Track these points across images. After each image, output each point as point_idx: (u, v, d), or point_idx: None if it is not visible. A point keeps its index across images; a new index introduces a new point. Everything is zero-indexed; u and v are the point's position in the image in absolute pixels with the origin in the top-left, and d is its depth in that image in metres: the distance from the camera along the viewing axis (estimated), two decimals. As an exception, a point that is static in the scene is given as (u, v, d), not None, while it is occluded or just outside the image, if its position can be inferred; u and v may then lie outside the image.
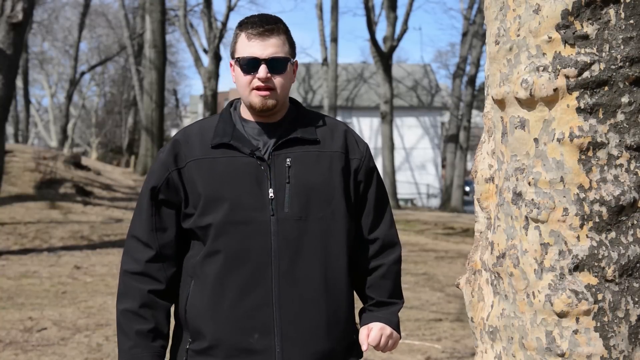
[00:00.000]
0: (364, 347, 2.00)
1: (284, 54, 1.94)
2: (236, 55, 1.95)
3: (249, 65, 1.91)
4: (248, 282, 1.88)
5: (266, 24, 1.93)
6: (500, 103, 1.45)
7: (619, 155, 1.35)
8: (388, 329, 2.01)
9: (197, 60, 25.76)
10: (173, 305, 2.02)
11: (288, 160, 1.94)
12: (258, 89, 1.92)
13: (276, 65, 1.92)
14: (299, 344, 1.88)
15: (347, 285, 1.99)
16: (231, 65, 2.00)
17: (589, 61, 1.32)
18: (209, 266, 1.91)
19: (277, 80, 1.93)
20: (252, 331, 1.87)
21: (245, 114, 2.01)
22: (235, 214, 1.89)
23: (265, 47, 1.91)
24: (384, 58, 23.74)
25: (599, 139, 1.34)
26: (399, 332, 2.06)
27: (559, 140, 1.36)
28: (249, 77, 1.92)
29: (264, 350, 1.87)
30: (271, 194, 1.91)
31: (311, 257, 1.91)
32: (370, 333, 2.00)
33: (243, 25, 1.96)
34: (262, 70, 1.90)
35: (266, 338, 1.87)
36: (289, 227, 1.90)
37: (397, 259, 2.07)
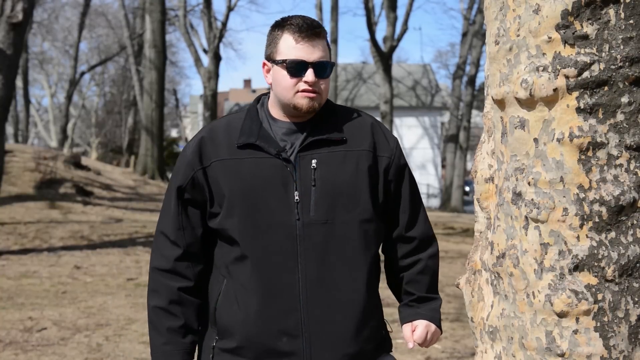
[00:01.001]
0: (410, 345, 2.01)
1: (328, 59, 1.93)
2: (280, 57, 1.91)
3: (297, 69, 1.89)
4: (275, 287, 1.87)
5: (313, 28, 1.90)
6: (500, 103, 1.45)
7: (619, 155, 1.35)
8: (432, 326, 2.03)
9: (197, 60, 25.76)
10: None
11: (314, 162, 1.91)
12: (305, 91, 1.89)
13: (323, 69, 1.91)
14: (328, 347, 1.89)
15: (374, 287, 1.98)
16: (265, 65, 1.97)
17: (588, 61, 1.32)
18: (236, 269, 1.91)
19: (322, 85, 1.92)
20: (280, 335, 1.87)
21: (275, 112, 1.98)
22: (260, 218, 1.88)
23: (313, 51, 1.89)
24: (384, 58, 23.74)
25: (598, 139, 1.34)
26: (440, 328, 2.07)
27: (558, 140, 1.36)
28: (294, 79, 1.89)
29: (293, 353, 1.88)
30: (297, 197, 1.88)
31: (338, 260, 1.89)
32: (416, 330, 2.02)
33: (287, 26, 1.91)
34: (310, 75, 1.88)
35: (295, 341, 1.87)
36: (315, 231, 1.88)
37: (434, 253, 2.07)
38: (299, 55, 1.89)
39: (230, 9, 28.21)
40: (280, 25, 1.93)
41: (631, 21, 1.31)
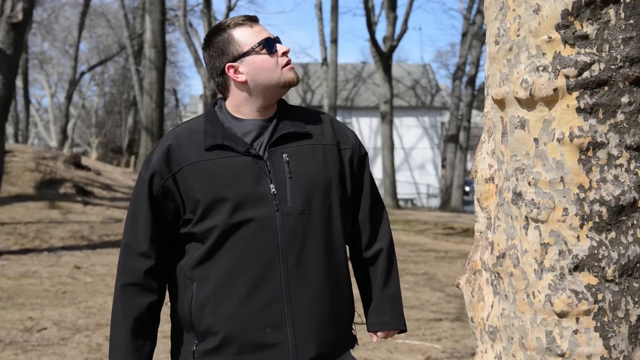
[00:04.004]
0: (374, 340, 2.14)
1: None
2: (247, 48, 1.95)
3: (270, 46, 1.95)
4: (258, 279, 1.88)
5: (251, 15, 2.01)
6: (500, 103, 1.45)
7: (619, 155, 1.35)
8: (396, 331, 2.14)
9: (197, 60, 25.76)
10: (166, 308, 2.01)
11: (285, 155, 1.95)
12: (287, 64, 1.96)
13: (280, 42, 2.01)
14: (310, 335, 1.91)
15: (348, 275, 2.04)
16: (231, 68, 1.96)
17: (589, 61, 1.32)
18: (215, 267, 1.90)
19: None
20: (264, 326, 1.88)
21: (240, 112, 2.00)
22: (239, 214, 1.89)
23: (265, 31, 1.99)
24: (384, 58, 23.74)
25: (599, 139, 1.34)
26: (405, 325, 2.16)
27: (559, 140, 1.36)
28: (274, 58, 1.95)
29: (276, 344, 1.88)
30: (273, 189, 1.91)
31: (315, 249, 1.93)
32: (381, 335, 2.13)
33: (231, 24, 1.98)
34: (283, 46, 1.97)
35: (279, 332, 1.88)
36: (294, 221, 1.91)
37: (392, 239, 2.17)
38: (262, 36, 1.96)
39: (230, 9, 28.25)
40: (223, 29, 1.99)
41: (631, 21, 1.31)
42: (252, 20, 1.99)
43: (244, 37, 1.95)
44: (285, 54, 1.97)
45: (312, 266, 1.92)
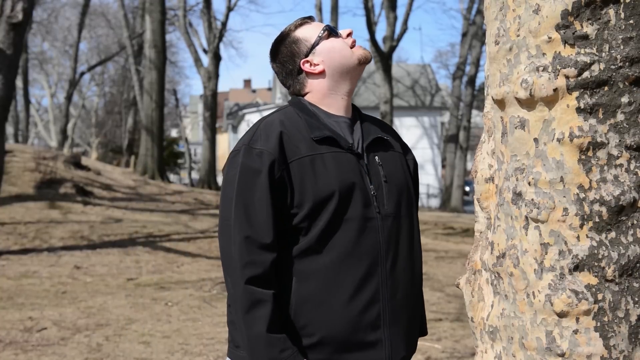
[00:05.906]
0: None
1: None
2: (313, 41, 1.99)
3: (334, 30, 2.02)
4: (363, 278, 1.90)
5: (306, 16, 2.10)
6: (500, 103, 1.45)
7: (619, 155, 1.35)
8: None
9: (197, 60, 25.76)
10: None
11: (377, 158, 1.99)
12: (354, 44, 2.01)
13: None
14: (401, 335, 1.96)
15: (422, 281, 2.09)
16: (305, 63, 1.98)
17: (588, 61, 1.32)
18: (319, 263, 1.87)
19: None
20: (365, 326, 1.90)
21: (331, 108, 2.00)
22: (347, 211, 1.89)
23: (322, 24, 2.05)
24: (384, 58, 23.74)
25: (599, 139, 1.34)
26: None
27: (559, 140, 1.36)
28: (341, 38, 2.01)
29: (375, 343, 1.90)
30: (373, 191, 1.94)
31: (404, 253, 1.98)
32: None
33: (292, 28, 2.04)
34: (346, 29, 2.04)
35: (377, 332, 1.91)
36: (390, 224, 1.95)
37: None
38: (321, 27, 2.03)
39: (230, 8, 28.23)
40: (285, 35, 2.04)
41: (631, 21, 1.31)
42: (309, 18, 2.06)
43: (308, 32, 2.01)
44: (349, 35, 2.01)
45: (401, 269, 1.96)
